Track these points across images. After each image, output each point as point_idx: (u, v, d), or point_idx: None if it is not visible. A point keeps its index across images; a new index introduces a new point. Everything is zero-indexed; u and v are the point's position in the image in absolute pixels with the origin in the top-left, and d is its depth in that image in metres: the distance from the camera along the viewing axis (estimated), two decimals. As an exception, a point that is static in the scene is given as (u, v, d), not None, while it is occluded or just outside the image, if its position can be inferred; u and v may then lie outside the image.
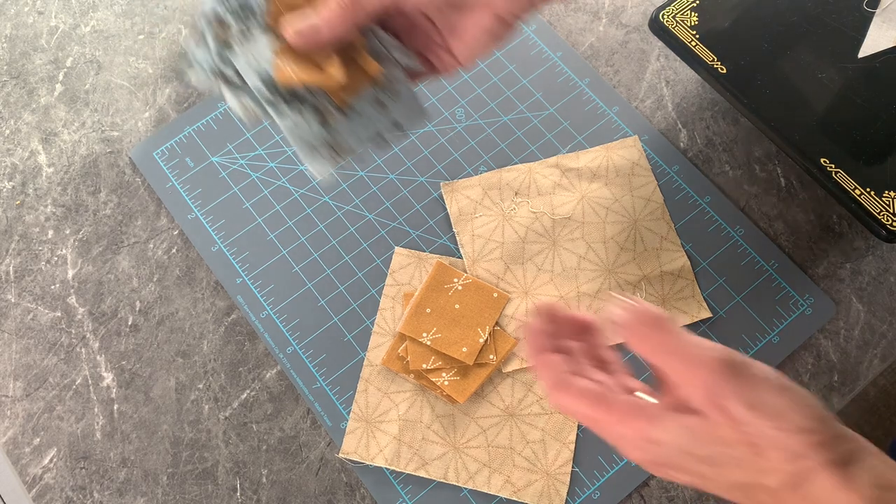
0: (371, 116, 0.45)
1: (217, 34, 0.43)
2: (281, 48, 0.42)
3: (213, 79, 0.44)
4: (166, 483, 0.56)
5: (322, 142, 0.45)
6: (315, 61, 0.43)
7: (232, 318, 0.61)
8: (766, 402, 0.32)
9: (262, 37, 0.43)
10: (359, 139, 0.46)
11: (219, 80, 0.44)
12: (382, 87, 0.45)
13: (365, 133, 0.46)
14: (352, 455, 0.55)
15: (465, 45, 0.45)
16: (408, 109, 0.47)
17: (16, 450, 0.57)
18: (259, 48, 0.42)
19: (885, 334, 0.60)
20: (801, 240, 0.62)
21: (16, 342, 0.60)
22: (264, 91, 0.43)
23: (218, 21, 0.43)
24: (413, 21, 0.46)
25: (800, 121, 0.59)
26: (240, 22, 0.43)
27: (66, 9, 0.73)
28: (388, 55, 0.45)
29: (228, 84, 0.44)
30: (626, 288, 0.60)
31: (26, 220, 0.64)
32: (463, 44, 0.45)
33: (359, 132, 0.45)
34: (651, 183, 0.63)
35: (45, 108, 0.69)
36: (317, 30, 0.41)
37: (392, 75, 0.46)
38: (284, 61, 0.42)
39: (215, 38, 0.43)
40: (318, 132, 0.44)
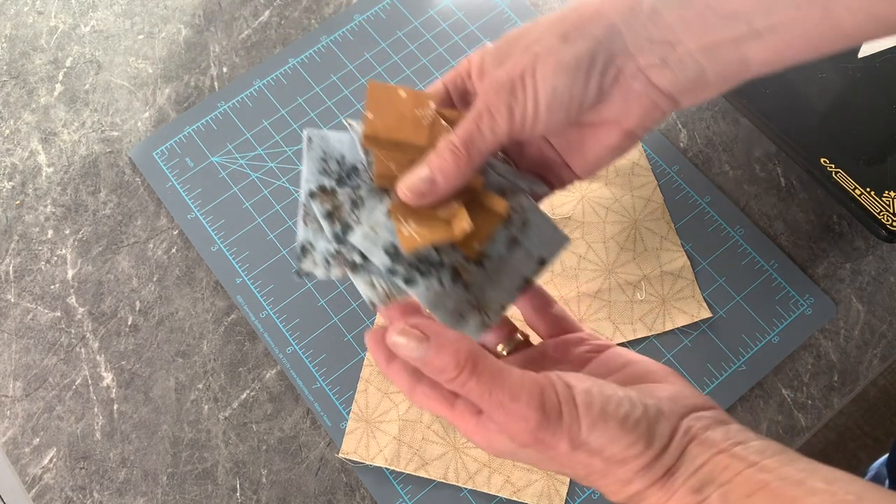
0: (510, 259, 0.40)
1: (328, 210, 0.38)
2: (394, 205, 0.37)
3: (333, 264, 0.39)
4: (166, 483, 0.56)
5: (467, 305, 0.38)
6: (435, 213, 0.38)
7: (232, 318, 0.61)
8: (588, 441, 0.32)
9: (373, 200, 0.38)
10: (505, 291, 0.39)
11: (341, 265, 0.39)
12: (513, 222, 0.39)
13: (510, 282, 0.39)
14: (352, 455, 0.55)
15: (587, 162, 0.41)
16: (545, 238, 0.40)
17: (15, 450, 0.57)
18: (375, 216, 0.38)
19: (885, 334, 0.60)
20: (801, 240, 0.62)
21: (15, 342, 0.60)
22: (391, 264, 0.37)
23: (323, 191, 0.38)
24: (527, 143, 0.42)
25: (800, 121, 0.59)
26: (346, 186, 0.38)
27: (66, 9, 0.73)
28: (510, 185, 0.40)
29: (353, 267, 0.38)
30: (626, 288, 0.60)
31: (26, 219, 0.64)
32: (584, 160, 0.41)
33: (503, 282, 0.39)
34: (651, 183, 0.63)
35: (45, 108, 0.69)
36: (433, 183, 0.36)
37: (520, 205, 0.40)
38: (403, 222, 0.37)
39: (327, 216, 0.38)
40: (460, 295, 0.38)
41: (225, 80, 0.69)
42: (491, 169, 0.40)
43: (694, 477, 0.32)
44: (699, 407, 0.35)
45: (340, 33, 0.71)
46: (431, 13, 0.71)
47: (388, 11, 0.71)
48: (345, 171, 0.39)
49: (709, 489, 0.31)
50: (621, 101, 0.37)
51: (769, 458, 0.32)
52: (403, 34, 0.70)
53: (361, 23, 0.71)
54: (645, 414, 0.33)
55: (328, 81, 0.69)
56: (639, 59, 0.36)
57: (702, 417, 0.34)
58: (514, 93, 0.36)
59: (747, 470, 0.31)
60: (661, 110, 0.38)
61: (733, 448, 0.32)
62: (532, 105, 0.36)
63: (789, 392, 0.58)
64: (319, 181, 0.38)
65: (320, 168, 0.39)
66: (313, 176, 0.38)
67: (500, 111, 0.36)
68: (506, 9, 0.71)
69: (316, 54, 0.70)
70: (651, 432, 0.33)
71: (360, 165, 0.39)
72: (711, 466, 0.32)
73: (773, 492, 0.30)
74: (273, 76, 0.69)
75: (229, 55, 0.70)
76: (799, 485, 0.30)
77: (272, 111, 0.67)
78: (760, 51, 0.35)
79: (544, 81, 0.36)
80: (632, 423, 0.32)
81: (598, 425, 0.32)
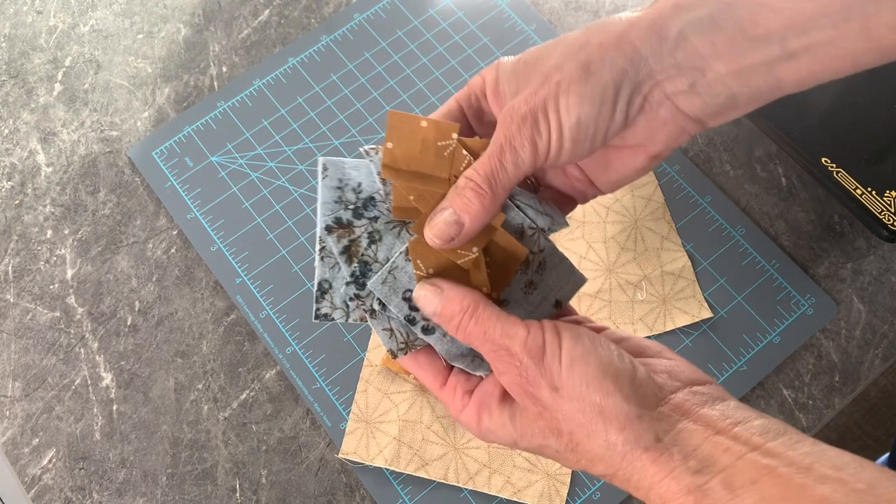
0: (525, 303, 0.39)
1: (345, 246, 0.37)
2: (412, 242, 0.37)
3: (353, 308, 0.38)
4: (165, 484, 0.56)
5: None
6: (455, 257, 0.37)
7: (231, 319, 0.60)
8: (567, 384, 0.33)
9: (391, 236, 0.37)
10: None
11: (359, 309, 0.38)
12: (531, 264, 0.39)
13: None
14: (351, 455, 0.55)
15: (611, 181, 0.40)
16: (562, 280, 0.40)
17: (15, 450, 0.57)
18: (393, 255, 0.37)
19: (886, 334, 0.59)
20: (802, 239, 0.62)
21: (15, 342, 0.60)
22: (409, 312, 0.37)
23: (339, 224, 0.37)
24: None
25: (801, 120, 0.59)
26: (363, 217, 0.37)
27: (65, 8, 0.73)
28: (530, 224, 0.39)
29: (371, 313, 0.38)
30: (626, 288, 0.60)
31: (25, 219, 0.64)
32: (608, 179, 0.40)
33: None
34: (652, 182, 0.63)
35: (44, 108, 0.68)
36: (459, 225, 0.35)
37: (538, 247, 0.39)
38: (422, 269, 0.37)
39: (343, 252, 0.37)
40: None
41: (224, 79, 0.69)
42: (511, 202, 0.39)
43: (693, 457, 0.31)
44: (695, 382, 0.34)
45: (340, 33, 0.70)
46: (431, 12, 0.71)
47: (388, 11, 0.71)
48: (361, 201, 0.37)
49: (710, 472, 0.30)
50: (647, 128, 0.36)
51: (773, 440, 0.30)
52: (403, 33, 0.70)
53: (361, 22, 0.71)
54: (631, 370, 0.33)
55: (328, 81, 0.68)
56: (665, 86, 0.35)
57: (698, 393, 0.33)
58: (536, 126, 0.35)
59: (750, 454, 0.30)
60: (688, 133, 0.37)
61: (734, 428, 0.31)
62: (556, 137, 0.35)
63: (790, 392, 0.58)
64: (336, 213, 0.37)
65: (336, 197, 0.37)
66: (328, 207, 0.37)
67: (523, 146, 0.35)
68: (506, 8, 0.71)
69: (316, 54, 0.70)
70: (634, 388, 0.32)
71: (377, 195, 0.38)
72: (711, 447, 0.31)
73: (780, 478, 0.29)
74: (273, 75, 0.69)
75: (229, 54, 0.70)
76: (807, 471, 0.29)
77: (272, 111, 0.67)
78: (795, 71, 0.34)
79: (568, 114, 0.34)
80: (613, 372, 0.32)
81: (577, 365, 0.32)
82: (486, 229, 0.37)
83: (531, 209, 0.39)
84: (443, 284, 0.36)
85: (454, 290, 0.35)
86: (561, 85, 0.34)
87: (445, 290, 0.36)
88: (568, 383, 0.32)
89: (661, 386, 0.33)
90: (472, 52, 0.69)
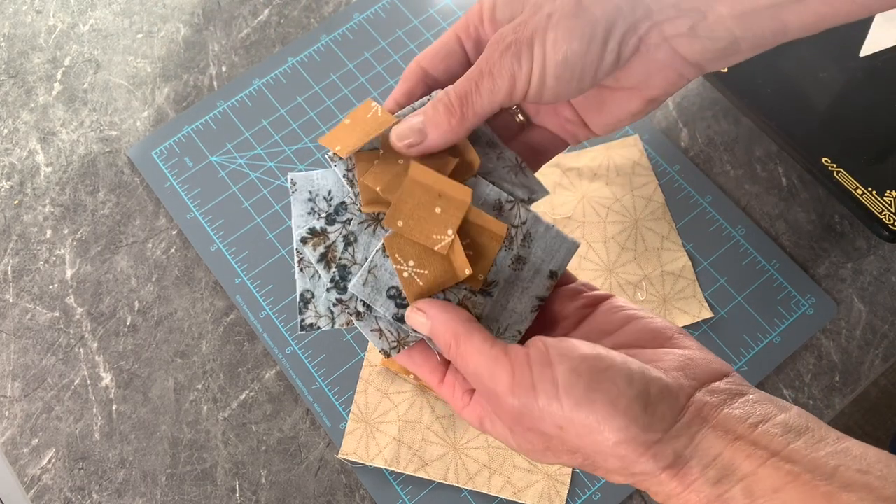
0: (517, 280, 0.38)
1: (321, 254, 0.37)
2: (387, 238, 0.36)
3: (337, 313, 0.38)
4: (165, 484, 0.56)
5: None
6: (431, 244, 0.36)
7: (231, 319, 0.60)
8: (575, 420, 0.30)
9: (366, 235, 0.37)
10: (519, 315, 0.38)
11: (344, 313, 0.37)
12: (514, 239, 0.38)
13: (522, 305, 0.38)
14: (351, 456, 0.55)
15: (605, 123, 0.39)
16: (552, 248, 0.38)
17: (14, 450, 0.57)
18: (371, 253, 0.37)
19: (886, 334, 0.59)
20: (803, 239, 0.62)
21: (14, 342, 0.60)
22: (396, 310, 0.36)
23: (314, 234, 0.37)
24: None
25: (801, 120, 0.59)
26: (336, 223, 0.37)
27: (65, 8, 0.73)
28: (506, 196, 0.38)
29: (357, 315, 0.37)
30: (627, 288, 0.60)
31: (24, 219, 0.64)
32: (602, 121, 0.39)
33: (515, 307, 0.38)
34: (652, 182, 0.63)
35: (44, 108, 0.68)
36: (422, 133, 0.35)
37: (519, 219, 0.38)
38: (402, 262, 0.36)
39: (321, 259, 0.37)
40: None
41: (224, 79, 0.69)
42: (485, 178, 0.38)
43: (712, 467, 0.29)
44: (713, 376, 0.32)
45: (340, 32, 0.70)
46: (431, 12, 0.71)
47: (388, 10, 0.71)
48: (333, 207, 0.37)
49: (730, 481, 0.29)
50: (643, 71, 0.35)
51: (795, 440, 0.29)
52: (403, 33, 0.70)
53: (361, 22, 0.71)
54: (642, 394, 0.30)
55: (328, 80, 0.68)
56: (664, 27, 0.33)
57: (716, 391, 0.31)
58: (518, 57, 0.33)
59: (772, 459, 0.28)
60: (686, 78, 0.35)
61: (755, 431, 0.29)
62: (539, 73, 0.33)
63: (791, 392, 0.58)
64: (309, 224, 0.37)
65: (308, 209, 0.38)
66: (302, 220, 0.37)
67: (501, 75, 0.33)
68: (506, 8, 0.71)
69: (315, 53, 0.70)
70: (650, 414, 0.30)
71: (348, 199, 0.37)
72: (731, 454, 0.29)
73: (804, 486, 0.28)
74: (272, 75, 0.69)
75: (228, 54, 0.70)
76: (831, 477, 0.28)
77: (271, 110, 0.67)
78: (801, 15, 0.32)
79: (555, 49, 0.33)
80: (625, 405, 0.29)
81: (582, 406, 0.30)
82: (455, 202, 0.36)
83: (507, 182, 0.38)
84: (429, 310, 0.34)
85: (438, 319, 0.34)
86: (552, 17, 0.33)
87: (430, 319, 0.34)
88: (575, 422, 0.30)
89: (677, 393, 0.31)
90: (472, 52, 0.69)
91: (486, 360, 0.32)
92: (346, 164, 0.37)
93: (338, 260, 0.37)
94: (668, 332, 0.34)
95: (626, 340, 0.34)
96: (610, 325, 0.36)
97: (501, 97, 0.34)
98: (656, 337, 0.34)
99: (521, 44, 0.33)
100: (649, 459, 0.30)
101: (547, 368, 0.31)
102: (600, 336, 0.35)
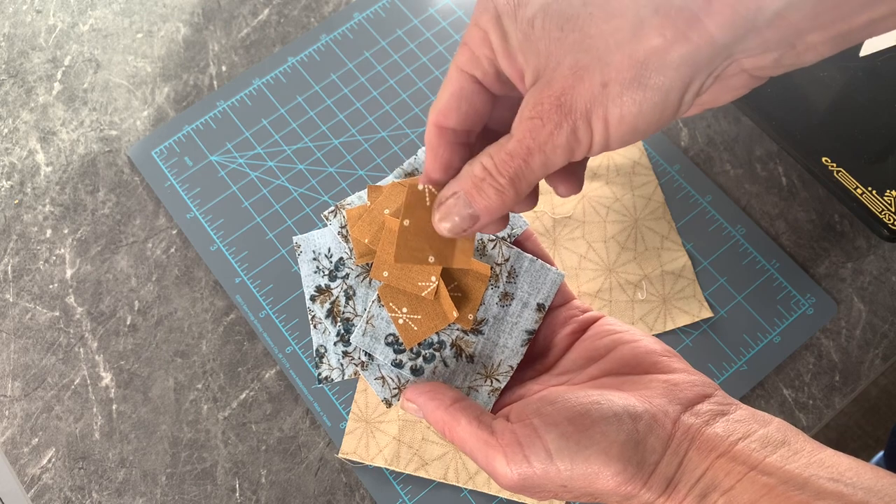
0: (506, 317, 0.39)
1: (328, 310, 0.39)
2: (380, 289, 0.38)
3: (346, 364, 0.39)
4: (165, 483, 0.56)
5: (476, 376, 0.39)
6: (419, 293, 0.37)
7: (231, 318, 0.60)
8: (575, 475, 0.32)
9: (363, 287, 0.39)
10: (510, 350, 0.39)
11: (351, 364, 0.39)
12: (500, 277, 0.39)
13: (513, 340, 0.39)
14: (351, 455, 0.55)
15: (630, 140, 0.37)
16: (537, 281, 0.39)
17: (14, 450, 0.57)
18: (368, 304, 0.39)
19: (886, 334, 0.59)
20: (803, 239, 0.62)
21: (14, 342, 0.60)
22: (395, 356, 0.38)
23: (320, 291, 0.39)
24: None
25: (801, 119, 0.59)
26: (337, 279, 0.39)
27: (65, 7, 0.73)
28: (490, 238, 0.39)
29: (362, 365, 0.39)
30: (626, 287, 0.60)
31: (24, 219, 0.64)
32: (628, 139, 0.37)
33: (506, 343, 0.39)
34: (652, 182, 0.63)
35: (44, 107, 0.68)
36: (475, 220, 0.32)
37: (502, 257, 0.39)
38: (396, 310, 0.38)
39: (328, 315, 0.39)
40: (467, 369, 0.39)
41: (224, 78, 0.69)
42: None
43: (698, 485, 0.31)
44: (697, 398, 0.33)
45: (340, 32, 0.70)
46: (431, 12, 0.71)
47: (388, 10, 0.71)
48: (333, 263, 0.40)
49: (713, 496, 0.31)
50: (712, 95, 0.31)
51: (772, 453, 0.31)
52: (403, 32, 0.70)
53: (361, 21, 0.71)
54: (632, 435, 0.32)
55: (328, 80, 0.68)
56: (744, 62, 0.29)
57: (699, 413, 0.33)
58: (576, 133, 0.29)
59: (750, 473, 0.30)
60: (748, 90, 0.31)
61: (735, 447, 0.31)
62: (600, 141, 0.30)
63: (790, 392, 0.58)
64: (316, 283, 0.40)
65: (314, 268, 0.40)
66: (310, 279, 0.40)
67: (556, 152, 0.30)
68: (506, 7, 0.71)
69: (315, 53, 0.70)
70: (641, 451, 0.32)
71: (344, 254, 0.40)
72: (713, 472, 0.31)
73: (778, 497, 0.29)
74: (272, 75, 0.69)
75: (228, 54, 0.70)
76: (804, 486, 0.29)
77: (271, 110, 0.67)
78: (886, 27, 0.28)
79: (621, 123, 0.29)
80: (616, 452, 0.32)
81: (577, 464, 0.32)
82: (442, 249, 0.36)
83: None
84: (416, 399, 0.36)
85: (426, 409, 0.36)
86: (609, 88, 0.28)
87: (420, 408, 0.36)
88: (575, 477, 0.32)
89: (663, 421, 0.32)
90: (472, 52, 0.69)
91: (477, 443, 0.34)
92: (340, 221, 0.40)
93: (342, 314, 0.39)
94: (652, 356, 0.35)
95: (612, 367, 0.36)
96: (596, 351, 0.37)
97: (558, 167, 0.31)
98: (641, 362, 0.35)
99: (577, 118, 0.29)
100: (646, 490, 0.32)
101: (536, 440, 0.33)
102: (588, 363, 0.37)
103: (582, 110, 0.29)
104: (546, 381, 0.38)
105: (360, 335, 0.38)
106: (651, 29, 0.27)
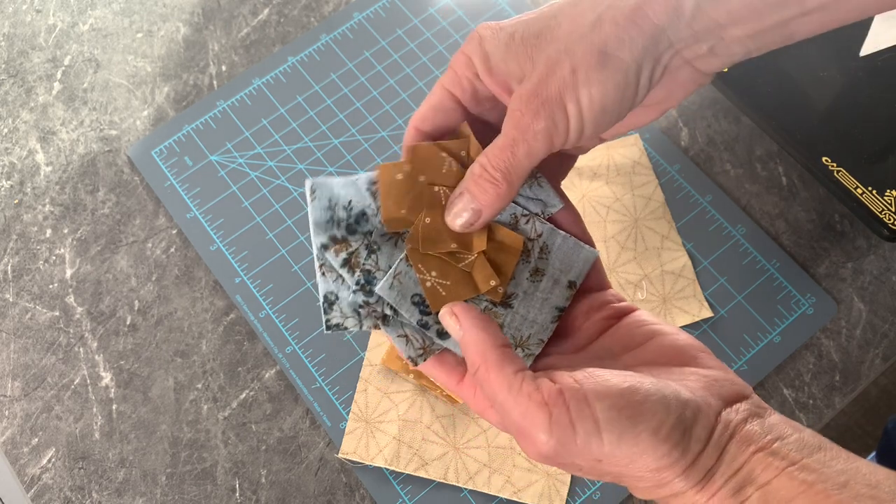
0: (536, 292, 0.38)
1: (344, 259, 0.37)
2: (409, 250, 0.37)
3: (364, 315, 0.38)
4: (165, 483, 0.56)
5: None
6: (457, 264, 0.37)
7: (231, 318, 0.60)
8: (615, 454, 0.31)
9: (388, 245, 0.38)
10: (540, 326, 0.38)
11: (370, 316, 0.38)
12: (532, 252, 0.39)
13: (542, 316, 0.39)
14: (351, 455, 0.55)
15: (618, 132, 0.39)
16: (570, 259, 0.39)
17: (14, 450, 0.57)
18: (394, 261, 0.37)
19: (886, 334, 0.59)
20: (803, 239, 0.62)
21: (14, 342, 0.60)
22: (421, 318, 0.37)
23: (335, 241, 0.37)
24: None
25: (801, 119, 0.59)
26: (357, 233, 0.37)
27: (65, 7, 0.73)
28: (521, 210, 0.39)
29: (384, 319, 0.38)
30: (627, 287, 0.59)
31: (24, 219, 0.64)
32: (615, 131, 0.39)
33: (536, 318, 0.38)
34: (652, 182, 0.63)
35: (44, 107, 0.68)
36: (478, 214, 0.36)
37: (535, 232, 0.39)
38: (425, 272, 0.37)
39: (344, 264, 0.37)
40: None
41: (224, 78, 0.69)
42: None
43: (734, 478, 0.31)
44: (736, 397, 0.33)
45: (340, 31, 0.70)
46: (431, 11, 0.71)
47: (388, 9, 0.71)
48: (353, 217, 0.37)
49: (749, 489, 0.30)
50: (665, 90, 0.36)
51: (809, 455, 0.30)
52: (403, 32, 0.70)
53: (361, 21, 0.71)
54: (681, 419, 0.31)
55: (328, 80, 0.68)
56: (684, 52, 0.35)
57: (739, 410, 0.32)
58: (552, 118, 0.34)
59: (789, 468, 0.30)
60: (701, 84, 0.37)
61: (772, 445, 0.31)
62: (576, 125, 0.34)
63: (791, 392, 0.58)
64: (329, 231, 0.37)
65: (328, 217, 0.37)
66: (322, 227, 0.37)
67: (536, 138, 0.34)
68: (505, 7, 0.71)
69: (315, 52, 0.70)
70: (688, 438, 0.31)
71: (368, 210, 0.38)
72: (752, 465, 0.31)
73: (817, 495, 0.29)
74: (272, 74, 0.69)
75: (228, 53, 0.70)
76: (842, 488, 0.29)
77: (271, 110, 0.67)
78: (807, 26, 0.34)
79: (591, 103, 0.33)
80: (665, 433, 0.30)
81: (625, 440, 0.30)
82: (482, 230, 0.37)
83: (521, 197, 0.39)
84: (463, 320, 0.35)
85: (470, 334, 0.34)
86: (578, 73, 0.33)
87: (463, 331, 0.34)
88: (616, 454, 0.31)
89: (708, 413, 0.32)
90: (472, 51, 0.69)
91: (517, 398, 0.32)
92: (370, 178, 0.38)
93: (361, 265, 0.37)
94: (691, 350, 0.35)
95: (650, 357, 0.35)
96: (632, 340, 0.36)
97: (541, 155, 0.35)
98: (680, 355, 0.35)
99: (552, 104, 0.33)
100: (682, 479, 0.31)
101: (585, 406, 0.31)
102: (622, 351, 0.36)
103: (556, 97, 0.33)
104: (576, 360, 0.37)
105: (388, 288, 0.36)
106: (606, 21, 0.33)
